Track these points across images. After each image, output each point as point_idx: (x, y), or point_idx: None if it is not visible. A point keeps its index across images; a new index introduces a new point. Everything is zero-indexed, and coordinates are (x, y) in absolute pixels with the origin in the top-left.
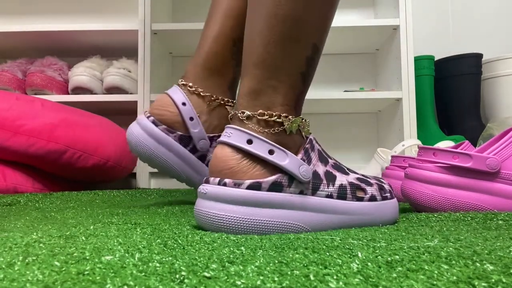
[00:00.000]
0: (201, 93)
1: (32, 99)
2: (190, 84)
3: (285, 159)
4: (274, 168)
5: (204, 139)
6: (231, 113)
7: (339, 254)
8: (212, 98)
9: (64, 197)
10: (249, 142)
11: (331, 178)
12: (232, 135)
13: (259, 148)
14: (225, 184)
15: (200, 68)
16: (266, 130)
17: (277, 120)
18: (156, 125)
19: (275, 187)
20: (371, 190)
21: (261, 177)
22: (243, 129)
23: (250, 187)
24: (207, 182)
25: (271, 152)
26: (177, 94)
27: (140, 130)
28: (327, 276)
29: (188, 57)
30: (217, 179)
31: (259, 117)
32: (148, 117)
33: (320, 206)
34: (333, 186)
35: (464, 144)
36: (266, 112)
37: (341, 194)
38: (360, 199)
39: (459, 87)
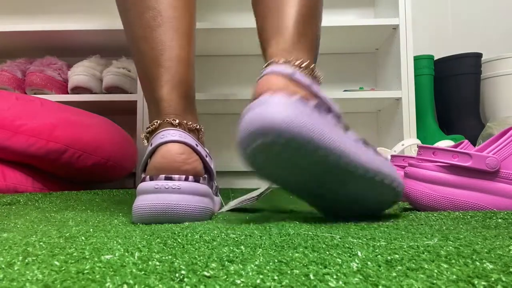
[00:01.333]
0: (191, 127)
1: (32, 98)
2: (178, 120)
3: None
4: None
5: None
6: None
7: (338, 253)
8: (202, 130)
9: (64, 197)
10: (293, 74)
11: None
12: (281, 66)
13: (302, 77)
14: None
15: (181, 97)
16: (301, 71)
17: (308, 66)
18: (199, 181)
19: None
20: None
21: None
22: (287, 65)
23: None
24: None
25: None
26: (188, 139)
27: (189, 197)
28: (327, 275)
29: None
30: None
31: (295, 62)
32: (186, 179)
33: None
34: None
35: (463, 143)
36: (298, 61)
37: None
38: None
39: (459, 86)
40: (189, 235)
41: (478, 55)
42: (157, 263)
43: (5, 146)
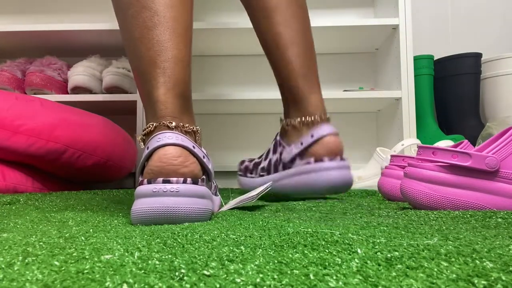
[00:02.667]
0: (188, 129)
1: (32, 98)
2: (175, 123)
3: None
4: None
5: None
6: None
7: (338, 251)
8: (198, 131)
9: (64, 197)
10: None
11: None
12: (332, 127)
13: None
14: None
15: (178, 98)
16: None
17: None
18: (197, 183)
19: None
20: None
21: None
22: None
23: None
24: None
25: None
26: (185, 142)
27: (187, 199)
28: (326, 276)
29: None
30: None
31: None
32: (184, 181)
33: None
34: None
35: (463, 143)
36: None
37: None
38: None
39: (459, 86)
40: (189, 235)
41: (478, 55)
42: (157, 262)
43: (5, 146)
